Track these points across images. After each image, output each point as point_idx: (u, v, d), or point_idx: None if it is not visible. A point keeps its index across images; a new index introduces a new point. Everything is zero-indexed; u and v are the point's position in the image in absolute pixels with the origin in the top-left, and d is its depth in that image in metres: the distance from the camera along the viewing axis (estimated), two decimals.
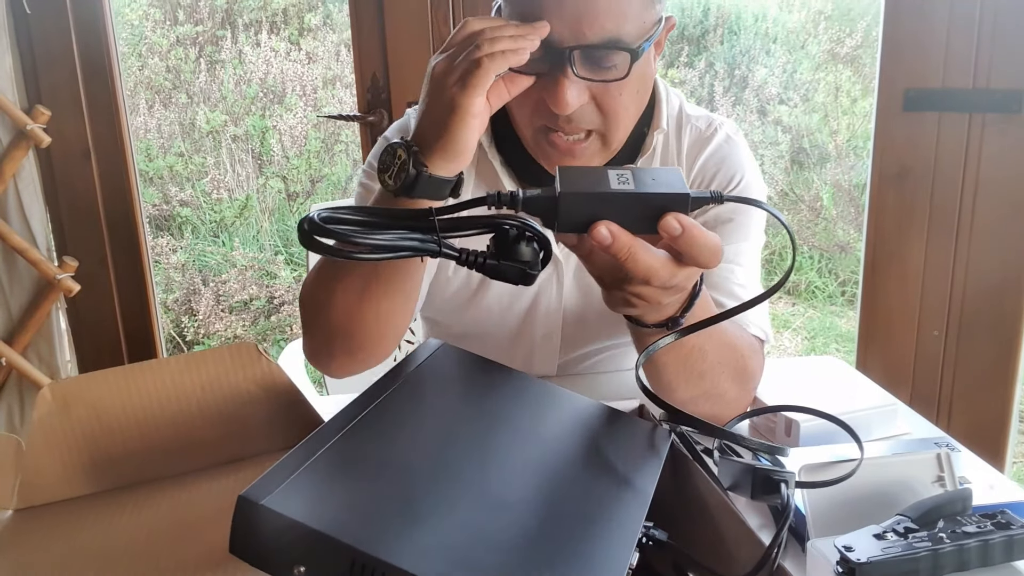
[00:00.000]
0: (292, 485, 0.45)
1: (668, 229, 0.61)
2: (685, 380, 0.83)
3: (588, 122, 0.87)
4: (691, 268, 0.65)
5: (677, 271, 0.64)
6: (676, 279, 0.65)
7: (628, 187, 0.61)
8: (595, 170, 0.64)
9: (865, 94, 4.16)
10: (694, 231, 0.61)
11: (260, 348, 0.68)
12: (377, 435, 0.53)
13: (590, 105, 0.86)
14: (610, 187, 0.61)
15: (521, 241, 0.60)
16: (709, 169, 1.02)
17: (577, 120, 0.86)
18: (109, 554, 0.57)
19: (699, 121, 1.04)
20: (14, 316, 1.89)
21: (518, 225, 0.60)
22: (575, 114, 0.85)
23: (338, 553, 0.42)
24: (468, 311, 1.06)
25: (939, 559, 0.55)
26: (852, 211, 3.97)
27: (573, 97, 0.82)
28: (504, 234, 0.60)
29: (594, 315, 1.05)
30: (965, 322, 1.74)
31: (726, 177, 1.01)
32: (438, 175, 0.74)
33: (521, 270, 0.60)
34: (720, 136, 1.03)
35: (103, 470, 0.66)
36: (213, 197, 4.14)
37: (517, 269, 0.60)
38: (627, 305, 0.70)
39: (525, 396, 0.65)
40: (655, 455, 0.61)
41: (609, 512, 0.51)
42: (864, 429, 0.78)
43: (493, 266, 0.60)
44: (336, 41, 4.41)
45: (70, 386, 0.66)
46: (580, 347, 1.09)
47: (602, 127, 0.88)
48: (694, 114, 1.04)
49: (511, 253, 0.60)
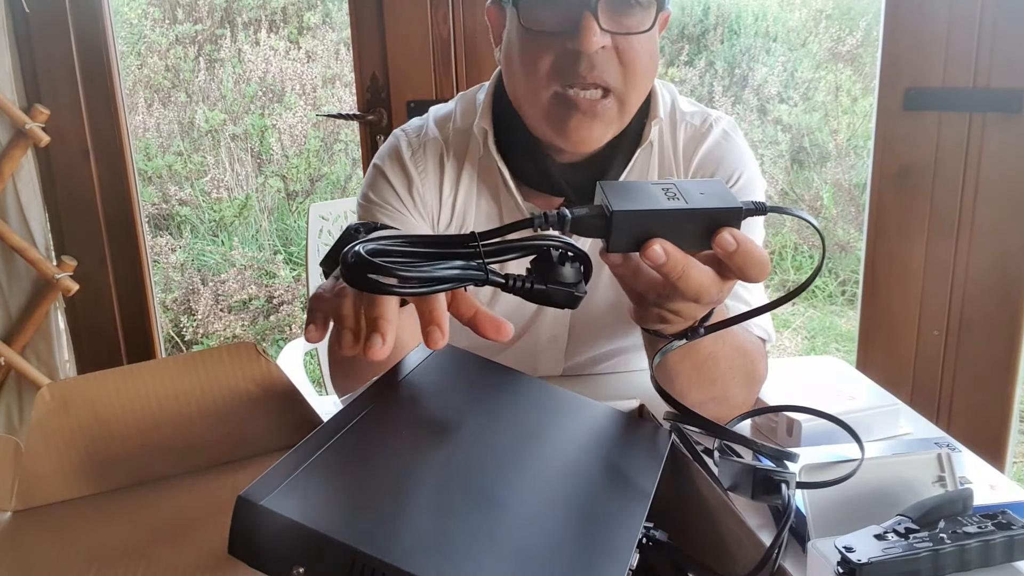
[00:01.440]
0: (291, 485, 0.45)
1: (723, 245, 0.59)
2: (697, 386, 0.83)
3: (609, 74, 0.87)
4: (732, 281, 0.63)
5: (723, 286, 0.62)
6: (722, 294, 0.63)
7: (680, 203, 0.59)
8: (639, 185, 0.61)
9: (865, 93, 4.17)
10: (748, 245, 0.59)
11: (259, 348, 0.68)
12: (376, 435, 0.53)
13: (612, 55, 0.86)
14: (662, 204, 0.58)
15: (565, 262, 0.57)
16: (707, 167, 1.01)
17: (600, 67, 0.86)
18: (108, 555, 0.57)
19: (693, 118, 1.03)
20: (13, 316, 1.89)
21: (560, 245, 0.57)
22: (598, 62, 0.85)
23: (337, 553, 0.42)
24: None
25: (940, 559, 0.55)
26: (852, 210, 3.97)
27: (599, 35, 0.83)
28: (547, 256, 0.57)
29: (601, 318, 1.05)
30: (965, 322, 1.74)
31: (725, 175, 1.00)
32: None
33: (569, 293, 0.57)
34: (716, 132, 1.02)
35: (102, 471, 0.66)
36: (212, 196, 4.14)
37: (564, 292, 0.57)
38: (662, 321, 0.68)
39: (525, 396, 0.65)
40: (655, 455, 0.60)
41: (609, 512, 0.51)
42: (865, 429, 0.78)
43: (541, 291, 0.57)
44: (335, 40, 4.41)
45: (69, 387, 0.66)
46: (586, 350, 1.08)
47: (621, 85, 0.88)
48: (688, 110, 1.04)
49: (554, 275, 0.57)
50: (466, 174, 1.03)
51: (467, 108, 1.04)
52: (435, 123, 1.06)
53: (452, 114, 1.05)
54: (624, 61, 0.87)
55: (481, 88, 1.05)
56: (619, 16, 0.86)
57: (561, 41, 0.86)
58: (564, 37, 0.85)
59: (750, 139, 4.16)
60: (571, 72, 0.86)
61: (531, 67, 0.88)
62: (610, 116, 0.90)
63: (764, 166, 4.16)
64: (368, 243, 0.53)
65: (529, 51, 0.88)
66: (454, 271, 0.54)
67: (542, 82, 0.89)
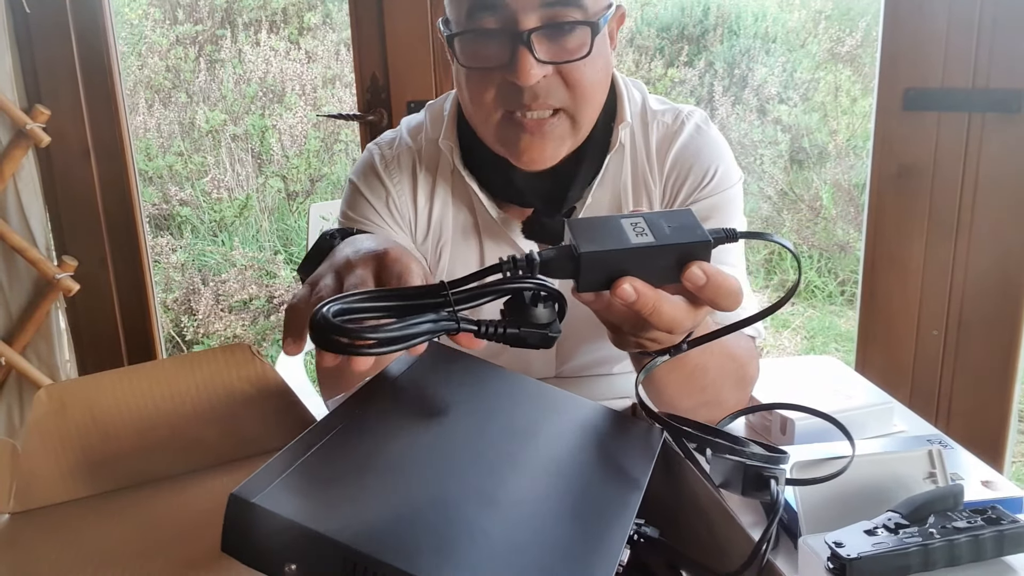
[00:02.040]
0: (284, 483, 0.46)
1: (693, 280, 0.59)
2: (688, 394, 0.83)
3: (556, 98, 0.86)
4: (705, 308, 0.63)
5: (696, 314, 0.63)
6: (695, 322, 0.63)
7: (647, 239, 0.59)
8: (607, 220, 0.61)
9: (865, 93, 4.17)
10: (718, 278, 0.60)
11: (254, 349, 0.69)
12: (370, 433, 0.53)
13: (556, 79, 0.86)
14: (630, 241, 0.58)
15: (538, 303, 0.58)
16: (683, 164, 1.00)
17: (544, 95, 0.86)
18: (105, 556, 0.57)
19: (665, 115, 1.02)
20: (13, 316, 1.90)
21: (532, 287, 0.57)
22: (541, 89, 0.85)
23: (330, 551, 0.42)
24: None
25: (929, 554, 0.55)
26: (852, 211, 3.97)
27: (536, 67, 0.82)
28: (520, 298, 0.58)
29: (589, 326, 1.04)
30: (965, 322, 1.74)
31: (701, 170, 0.99)
32: None
33: (543, 334, 0.58)
34: (689, 128, 1.01)
35: (99, 472, 0.67)
36: (213, 196, 4.14)
37: (538, 334, 0.58)
38: (639, 347, 0.68)
39: (518, 395, 0.65)
40: (647, 453, 0.61)
41: (600, 509, 0.51)
42: (859, 427, 0.78)
43: (515, 334, 0.58)
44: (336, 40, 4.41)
45: (66, 388, 0.66)
46: (577, 356, 1.08)
47: (570, 104, 0.88)
48: (659, 108, 1.03)
49: (528, 317, 0.57)
50: (440, 186, 1.03)
51: (435, 118, 1.04)
52: (408, 133, 1.06)
53: (423, 124, 1.06)
54: (570, 83, 0.86)
55: (448, 97, 1.05)
56: (554, 45, 0.84)
57: (501, 74, 0.85)
58: (502, 70, 0.85)
59: (750, 139, 4.17)
60: (516, 102, 0.86)
61: (477, 98, 0.88)
62: (561, 133, 0.89)
63: (764, 166, 4.17)
64: (335, 303, 0.53)
65: (473, 84, 0.88)
66: (426, 325, 0.54)
67: (489, 109, 0.89)
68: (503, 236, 1.02)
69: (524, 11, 0.82)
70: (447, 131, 1.01)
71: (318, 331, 0.52)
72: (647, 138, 1.01)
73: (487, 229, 1.03)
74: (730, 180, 1.00)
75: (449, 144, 1.00)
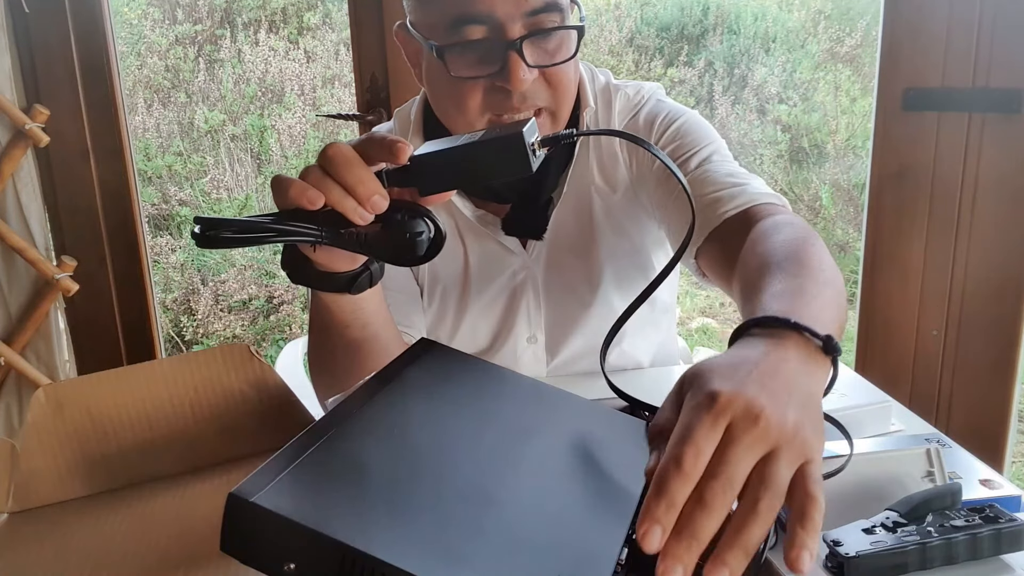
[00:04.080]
0: (282, 482, 0.46)
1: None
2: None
3: (541, 99, 0.89)
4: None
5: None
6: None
7: (470, 140, 0.63)
8: (448, 138, 0.67)
9: (864, 93, 4.17)
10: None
11: (252, 349, 0.69)
12: (367, 433, 0.53)
13: (540, 81, 0.88)
14: (455, 143, 0.64)
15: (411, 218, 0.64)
16: (643, 124, 1.01)
17: (531, 97, 0.88)
18: (103, 555, 0.57)
19: (629, 89, 1.04)
20: (13, 316, 1.89)
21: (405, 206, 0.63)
22: (529, 94, 0.87)
23: (328, 549, 0.42)
24: (453, 341, 1.07)
25: (927, 552, 0.55)
26: (851, 210, 3.97)
27: (527, 72, 0.84)
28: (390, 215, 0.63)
29: (575, 310, 1.05)
30: (964, 321, 1.74)
31: (667, 122, 1.00)
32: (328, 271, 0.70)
33: (406, 236, 0.63)
34: (651, 102, 1.03)
35: (97, 472, 0.67)
36: (212, 196, 4.14)
37: (401, 236, 0.63)
38: None
39: (515, 393, 0.65)
40: (645, 450, 0.61)
41: (599, 507, 0.51)
42: (857, 426, 0.78)
43: (377, 239, 0.63)
44: (335, 40, 4.42)
45: (64, 388, 0.66)
46: (566, 348, 1.08)
47: (552, 103, 0.90)
48: (623, 84, 1.05)
49: (398, 226, 0.63)
50: None
51: (404, 123, 1.05)
52: None
53: (392, 131, 1.06)
54: (552, 83, 0.89)
55: (414, 103, 1.06)
56: (543, 48, 0.87)
57: (490, 81, 0.87)
58: (493, 77, 0.86)
59: (749, 139, 4.17)
60: (504, 105, 0.88)
61: (462, 107, 0.89)
62: (544, 130, 0.90)
63: (763, 166, 4.17)
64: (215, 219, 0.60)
65: (458, 94, 0.89)
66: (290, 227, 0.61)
67: (474, 116, 0.90)
68: (484, 234, 1.03)
69: (511, 21, 0.84)
70: (414, 132, 1.02)
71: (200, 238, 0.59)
72: (610, 112, 1.03)
73: (468, 229, 1.03)
74: (679, 112, 1.01)
75: (417, 144, 1.00)
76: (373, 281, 0.72)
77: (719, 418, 0.45)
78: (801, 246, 0.70)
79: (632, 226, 1.04)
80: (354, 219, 0.61)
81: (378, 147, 0.62)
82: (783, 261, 0.67)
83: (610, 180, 1.02)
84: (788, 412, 0.46)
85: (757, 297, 0.61)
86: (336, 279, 0.70)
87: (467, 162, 0.63)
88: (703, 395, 0.46)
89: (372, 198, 0.61)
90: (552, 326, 1.06)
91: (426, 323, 1.08)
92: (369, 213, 0.62)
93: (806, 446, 0.46)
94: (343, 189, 0.61)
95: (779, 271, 0.65)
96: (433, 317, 1.07)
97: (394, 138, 0.62)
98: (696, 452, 0.44)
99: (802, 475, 0.45)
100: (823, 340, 0.53)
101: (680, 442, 0.44)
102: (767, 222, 0.79)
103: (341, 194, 0.61)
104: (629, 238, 1.04)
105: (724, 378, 0.47)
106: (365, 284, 0.71)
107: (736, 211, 0.85)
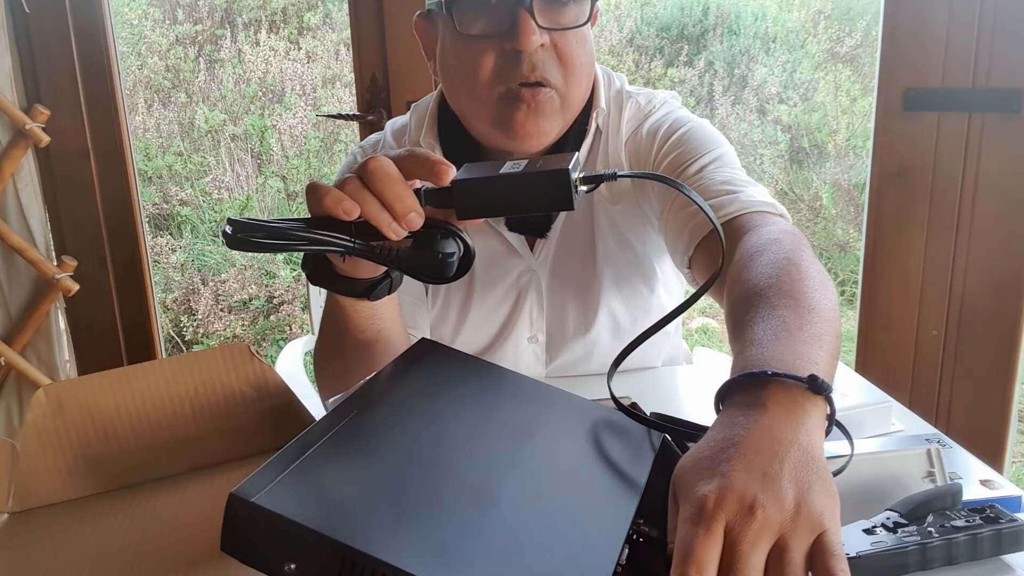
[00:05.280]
0: (282, 483, 0.46)
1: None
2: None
3: (551, 73, 0.89)
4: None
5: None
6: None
7: (515, 170, 0.63)
8: (492, 163, 0.66)
9: (865, 93, 4.17)
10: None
11: (252, 349, 0.69)
12: (368, 433, 0.53)
13: (551, 53, 0.88)
14: (498, 171, 0.63)
15: (443, 238, 0.63)
16: (645, 133, 1.01)
17: (541, 68, 0.87)
18: (104, 555, 0.57)
19: (640, 97, 1.04)
20: (13, 316, 1.90)
21: (438, 225, 0.63)
22: (538, 62, 0.87)
23: (328, 549, 0.42)
24: (456, 338, 1.08)
25: (928, 553, 0.55)
26: (851, 210, 3.97)
27: (537, 33, 0.84)
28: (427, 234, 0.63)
29: (573, 311, 1.05)
30: (964, 321, 1.74)
31: (672, 130, 0.99)
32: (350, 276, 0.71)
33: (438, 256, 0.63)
34: (658, 113, 1.02)
35: (97, 472, 0.67)
36: (213, 197, 4.14)
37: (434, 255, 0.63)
38: None
39: (516, 394, 0.65)
40: (646, 451, 0.61)
41: (598, 508, 0.51)
42: (857, 426, 0.78)
43: (408, 255, 0.63)
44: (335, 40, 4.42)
45: (64, 388, 0.66)
46: (566, 349, 1.08)
47: (562, 83, 0.90)
48: (637, 92, 1.04)
49: (434, 247, 0.63)
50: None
51: (420, 119, 1.05)
52: (392, 135, 1.07)
53: (407, 126, 1.06)
54: (563, 58, 0.89)
55: (431, 98, 1.06)
56: (554, 13, 0.87)
57: (499, 43, 0.87)
58: (502, 39, 0.86)
59: (750, 139, 4.17)
60: (513, 74, 0.87)
61: (471, 74, 0.89)
62: (553, 108, 0.90)
63: (764, 166, 4.17)
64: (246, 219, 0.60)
65: (468, 58, 0.89)
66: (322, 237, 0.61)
67: (485, 88, 0.89)
68: (489, 230, 1.03)
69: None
70: (427, 131, 1.02)
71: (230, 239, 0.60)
72: (620, 116, 1.02)
73: (473, 227, 1.03)
74: (684, 120, 1.00)
75: (430, 141, 1.02)
76: (392, 288, 0.73)
77: (712, 524, 0.44)
78: (784, 269, 0.69)
79: (634, 236, 1.04)
80: (387, 234, 0.62)
81: (420, 165, 0.62)
82: (766, 290, 0.66)
83: (613, 190, 1.03)
84: (784, 489, 0.45)
85: (739, 340, 0.62)
86: (357, 285, 0.71)
87: (509, 193, 0.62)
88: (692, 504, 0.45)
89: (408, 215, 0.61)
90: (554, 328, 1.06)
91: (429, 321, 1.08)
92: (404, 230, 0.62)
93: (814, 518, 0.45)
94: (380, 203, 0.61)
95: (762, 305, 0.64)
96: (436, 316, 1.07)
97: (437, 159, 0.62)
98: (700, 570, 0.43)
99: (820, 551, 0.45)
100: (807, 382, 0.52)
101: (682, 562, 0.43)
102: (752, 238, 0.79)
103: (378, 208, 0.61)
104: (632, 247, 1.04)
105: (708, 474, 0.46)
106: (384, 291, 0.72)
107: (722, 221, 0.85)
